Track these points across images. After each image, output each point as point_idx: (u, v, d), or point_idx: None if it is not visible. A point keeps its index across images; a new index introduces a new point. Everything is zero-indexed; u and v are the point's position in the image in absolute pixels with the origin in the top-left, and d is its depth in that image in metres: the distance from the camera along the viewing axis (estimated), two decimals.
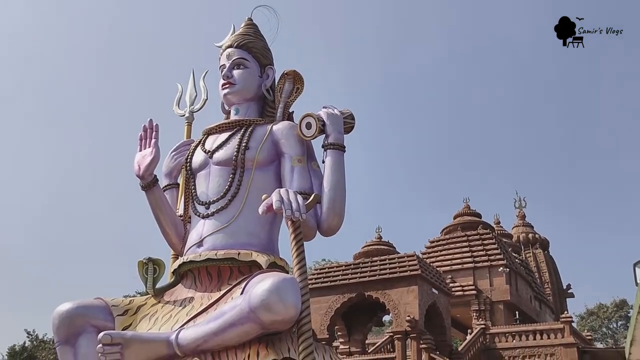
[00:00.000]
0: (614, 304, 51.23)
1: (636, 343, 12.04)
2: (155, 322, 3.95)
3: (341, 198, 4.13)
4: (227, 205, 4.19)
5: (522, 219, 38.74)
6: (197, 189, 4.40)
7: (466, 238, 28.18)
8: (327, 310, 20.55)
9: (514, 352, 22.56)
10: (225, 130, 4.55)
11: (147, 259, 4.19)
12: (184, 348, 3.62)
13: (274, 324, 3.38)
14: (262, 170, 4.29)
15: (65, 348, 3.88)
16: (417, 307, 19.29)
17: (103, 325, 3.89)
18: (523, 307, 27.32)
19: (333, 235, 4.19)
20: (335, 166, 4.18)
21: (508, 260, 26.97)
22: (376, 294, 20.00)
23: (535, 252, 36.19)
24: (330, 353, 4.10)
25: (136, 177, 4.42)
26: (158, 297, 4.21)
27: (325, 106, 4.39)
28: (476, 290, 26.01)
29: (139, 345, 3.67)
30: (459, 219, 30.76)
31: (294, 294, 3.37)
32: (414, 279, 19.69)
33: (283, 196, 3.67)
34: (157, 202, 4.47)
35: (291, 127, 4.40)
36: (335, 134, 4.25)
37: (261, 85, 4.67)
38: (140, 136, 4.52)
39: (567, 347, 21.66)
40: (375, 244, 26.23)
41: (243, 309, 3.39)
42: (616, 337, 48.20)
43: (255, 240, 4.12)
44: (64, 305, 3.93)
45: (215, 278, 4.08)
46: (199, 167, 4.46)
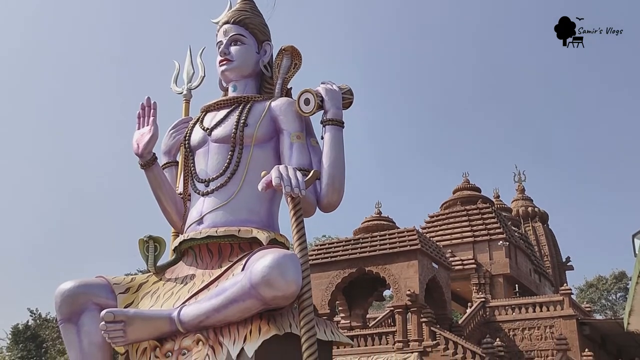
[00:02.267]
0: (613, 276, 51.53)
1: (635, 313, 12.15)
2: (157, 300, 3.97)
3: (340, 174, 4.13)
4: (226, 182, 4.19)
5: (522, 193, 38.79)
6: (196, 167, 4.39)
7: (466, 212, 28.24)
8: (328, 286, 20.66)
9: (513, 324, 22.74)
10: (223, 107, 4.53)
11: (148, 236, 4.21)
12: (186, 324, 3.65)
13: (275, 299, 3.40)
14: (261, 147, 4.29)
15: (68, 326, 3.91)
16: (418, 282, 19.39)
17: (105, 303, 3.92)
18: (523, 280, 27.48)
19: (333, 211, 4.20)
20: (334, 142, 4.17)
21: (507, 234, 27.06)
22: (376, 269, 20.10)
23: (534, 225, 36.31)
24: (332, 328, 4.13)
25: (135, 155, 4.42)
26: (159, 275, 4.23)
27: (323, 82, 4.37)
28: (476, 264, 26.14)
29: (141, 322, 3.70)
30: (458, 194, 30.78)
31: (294, 269, 3.39)
32: (414, 254, 19.77)
33: (282, 172, 3.67)
34: (156, 181, 4.47)
35: (289, 103, 4.39)
36: (333, 109, 4.24)
37: (259, 62, 4.64)
38: (139, 114, 4.50)
39: (566, 319, 21.82)
40: (375, 220, 26.28)
41: (244, 285, 3.41)
42: (615, 308, 48.56)
43: (255, 216, 4.13)
44: (66, 284, 3.95)
45: (216, 255, 4.10)
46: (197, 144, 4.45)
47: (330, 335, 4.03)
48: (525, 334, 22.45)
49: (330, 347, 4.15)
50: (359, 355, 19.18)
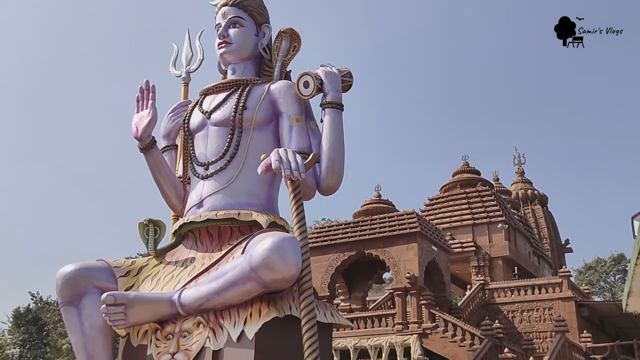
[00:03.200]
0: (612, 258, 51.69)
1: (633, 294, 12.20)
2: (158, 283, 3.99)
3: (340, 157, 4.12)
4: (226, 165, 4.18)
5: (521, 176, 38.80)
6: (195, 150, 4.39)
7: (465, 195, 28.26)
8: (328, 269, 20.73)
9: (512, 306, 22.86)
10: (222, 90, 4.51)
11: (148, 220, 4.21)
12: (187, 307, 3.67)
13: (275, 282, 3.41)
14: (260, 130, 4.28)
15: (69, 309, 3.93)
16: (417, 264, 19.45)
17: (106, 286, 3.93)
18: (522, 262, 27.57)
19: (332, 194, 4.20)
20: (334, 125, 4.16)
21: (507, 217, 27.11)
22: (376, 252, 20.16)
23: (534, 208, 36.36)
24: (332, 310, 4.15)
25: (134, 139, 4.41)
26: (159, 258, 4.24)
27: (322, 64, 4.35)
28: (475, 246, 26.21)
29: (142, 305, 3.72)
30: (458, 177, 30.78)
31: (294, 252, 3.40)
32: (413, 237, 19.81)
33: (282, 156, 3.66)
34: (156, 164, 4.47)
35: (289, 86, 4.37)
36: (333, 92, 4.22)
37: (258, 44, 4.62)
38: (137, 98, 4.49)
39: (565, 300, 21.92)
40: (374, 202, 26.30)
41: (244, 268, 3.42)
42: (614, 290, 48.75)
43: (254, 200, 4.13)
44: (67, 267, 3.96)
45: (216, 238, 4.11)
46: (196, 128, 4.44)
47: (330, 318, 4.05)
48: (524, 315, 22.58)
49: (330, 329, 4.17)
50: (358, 337, 19.29)
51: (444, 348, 18.22)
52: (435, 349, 18.33)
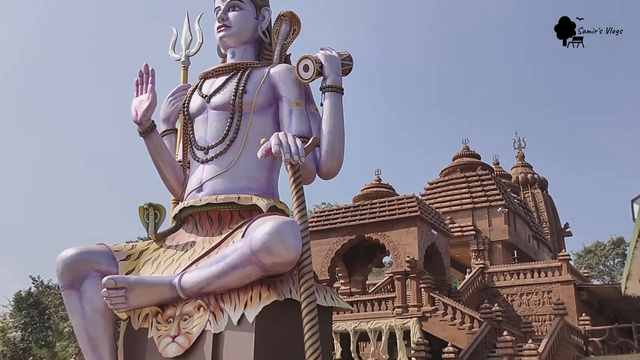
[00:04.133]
0: (611, 242, 51.78)
1: (632, 277, 12.25)
2: (158, 266, 4.00)
3: (340, 141, 4.12)
4: (225, 149, 4.18)
5: (521, 160, 38.78)
6: (195, 134, 4.38)
7: (465, 179, 28.26)
8: (328, 253, 20.78)
9: (512, 290, 22.94)
10: (222, 74, 4.50)
11: (148, 204, 4.22)
12: (187, 291, 3.68)
13: (275, 266, 3.42)
14: (260, 114, 4.27)
15: (70, 293, 3.94)
16: (417, 248, 19.49)
17: (106, 270, 3.94)
18: (521, 246, 27.63)
19: (332, 178, 4.20)
20: (334, 109, 4.15)
21: (507, 201, 27.14)
22: (376, 236, 20.19)
23: (534, 192, 36.38)
24: (332, 294, 4.17)
25: (134, 123, 4.41)
26: (160, 242, 4.25)
27: (322, 48, 4.33)
28: (475, 230, 26.26)
29: (143, 288, 3.73)
30: (458, 161, 30.76)
31: (294, 236, 3.41)
32: (413, 220, 19.84)
33: (282, 139, 3.66)
34: (155, 148, 4.47)
35: (289, 70, 4.36)
36: (333, 76, 4.21)
37: (257, 28, 4.59)
38: (137, 81, 4.48)
39: (564, 284, 22.00)
40: (374, 187, 26.32)
41: (244, 252, 3.43)
42: (613, 274, 48.89)
43: (254, 184, 4.13)
44: (67, 251, 3.97)
45: (216, 222, 4.12)
46: (196, 111, 4.43)
47: (330, 301, 4.07)
48: (523, 299, 22.67)
49: (330, 312, 4.19)
50: (358, 320, 19.39)
51: (444, 331, 18.32)
52: (435, 332, 18.43)
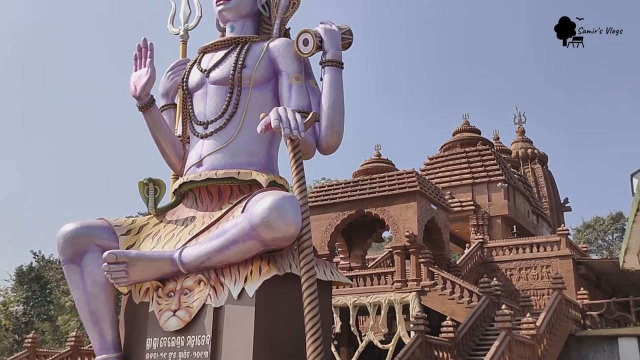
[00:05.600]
0: (610, 217, 51.86)
1: (630, 251, 12.26)
2: (159, 241, 4.02)
3: (340, 116, 4.11)
4: (225, 124, 4.17)
5: (522, 135, 38.67)
6: (194, 109, 4.37)
7: (465, 154, 28.19)
8: (327, 228, 20.81)
9: (510, 264, 23.01)
10: (221, 48, 4.47)
11: (148, 179, 4.22)
12: (187, 265, 3.70)
13: (275, 241, 3.44)
14: (259, 89, 4.25)
15: (71, 267, 3.97)
16: (416, 223, 19.51)
17: (107, 244, 3.96)
18: (521, 221, 27.67)
19: (332, 153, 4.20)
20: (334, 83, 4.14)
21: (506, 176, 27.12)
22: (375, 211, 20.20)
23: (533, 167, 36.33)
24: (331, 268, 4.19)
25: (133, 97, 4.39)
26: (160, 217, 4.27)
27: (322, 22, 4.30)
28: (474, 205, 26.26)
29: (143, 263, 3.75)
30: (458, 136, 30.65)
31: (294, 211, 3.41)
32: (412, 195, 19.83)
33: (281, 114, 3.65)
34: (155, 123, 4.46)
35: (288, 44, 4.33)
36: (333, 50, 4.19)
37: (256, 1, 4.55)
38: (135, 56, 4.45)
39: (563, 258, 22.06)
40: (374, 162, 26.28)
41: (244, 227, 3.44)
42: (611, 248, 49.03)
43: (254, 159, 4.13)
44: (68, 226, 3.99)
45: (216, 197, 4.12)
46: (195, 86, 4.42)
47: (330, 276, 4.09)
48: (522, 273, 22.75)
49: (329, 286, 4.21)
50: (358, 294, 19.50)
51: (443, 305, 18.41)
52: (434, 306, 18.53)
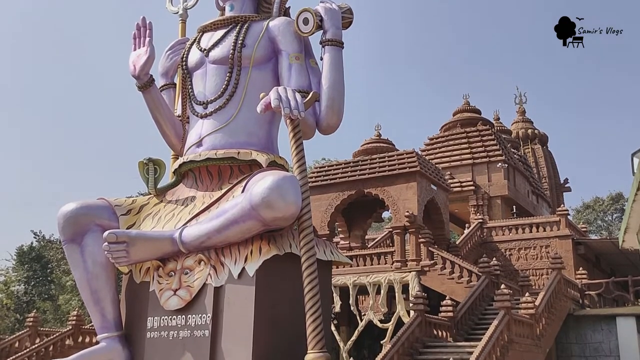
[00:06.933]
0: (610, 197, 51.89)
1: (630, 231, 12.29)
2: (159, 221, 4.03)
3: (340, 96, 4.10)
4: (225, 104, 4.16)
5: (522, 115, 38.54)
6: (194, 89, 4.36)
7: (465, 134, 28.12)
8: (327, 208, 20.83)
9: (510, 244, 23.05)
10: (220, 27, 4.45)
11: (148, 159, 4.22)
12: (188, 245, 3.71)
13: (275, 220, 3.44)
14: (259, 68, 4.24)
15: (71, 246, 3.98)
16: (416, 203, 19.52)
17: (107, 224, 3.97)
18: (520, 201, 27.70)
19: (332, 133, 4.19)
20: (334, 63, 4.12)
21: (507, 156, 27.09)
22: (375, 191, 20.20)
23: (534, 147, 36.27)
24: (331, 248, 4.20)
25: (132, 77, 4.38)
26: (160, 197, 4.27)
27: (322, 0, 4.27)
28: (474, 185, 26.26)
29: (144, 242, 3.76)
30: (458, 116, 30.55)
31: (294, 191, 3.42)
32: (412, 176, 19.82)
33: (281, 94, 3.64)
34: (154, 103, 4.45)
35: (288, 23, 4.31)
36: (333, 29, 4.17)
37: None
38: (134, 35, 4.43)
39: (562, 239, 22.10)
40: (374, 142, 26.25)
41: (244, 207, 3.45)
42: (611, 229, 49.13)
43: (254, 139, 4.13)
44: (68, 206, 3.99)
45: (216, 177, 4.13)
46: (195, 66, 4.40)
47: (330, 255, 4.10)
48: (521, 253, 22.82)
49: (329, 266, 4.23)
50: (358, 274, 19.56)
51: (442, 285, 18.48)
52: (433, 286, 18.60)
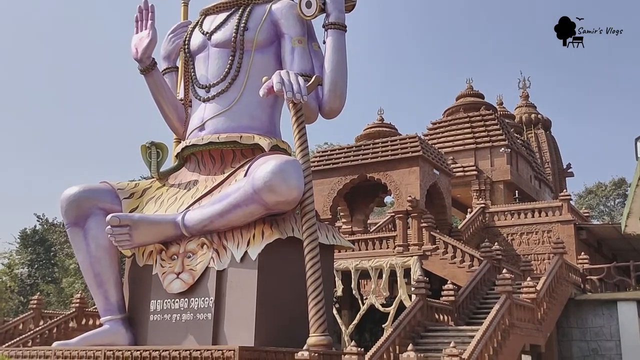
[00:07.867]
0: (613, 182, 51.79)
1: (632, 215, 12.28)
2: (162, 205, 4.04)
3: (343, 80, 4.09)
4: (227, 88, 4.16)
5: (526, 99, 38.39)
6: (196, 72, 4.35)
7: (468, 119, 28.06)
8: (330, 192, 20.85)
9: (512, 229, 23.08)
10: (223, 10, 4.43)
11: (150, 143, 4.23)
12: (191, 229, 3.73)
13: (277, 204, 3.45)
14: (262, 52, 4.23)
15: (75, 230, 4.00)
16: (418, 188, 19.54)
17: (110, 207, 3.99)
18: (523, 186, 27.68)
19: (335, 117, 4.19)
20: (337, 47, 4.11)
21: (509, 141, 27.04)
22: (378, 175, 20.21)
23: (537, 132, 36.18)
24: (333, 232, 4.21)
25: (134, 60, 4.37)
26: (163, 181, 4.28)
27: None
28: (477, 170, 26.24)
29: (147, 226, 3.78)
30: (461, 100, 30.47)
31: (296, 175, 3.42)
32: (415, 160, 19.81)
33: (284, 78, 3.63)
34: (156, 86, 4.45)
35: (291, 6, 4.29)
36: (336, 12, 4.15)
37: None
38: (136, 18, 4.42)
39: (564, 224, 22.11)
40: (377, 126, 26.16)
41: (247, 191, 3.46)
42: (613, 214, 49.09)
43: (257, 123, 4.13)
44: (71, 189, 4.01)
45: (219, 161, 4.13)
46: (197, 49, 4.39)
47: (332, 239, 4.12)
48: (523, 238, 22.85)
49: (332, 250, 4.25)
50: (360, 258, 19.61)
51: (444, 269, 18.53)
52: (435, 270, 18.66)
